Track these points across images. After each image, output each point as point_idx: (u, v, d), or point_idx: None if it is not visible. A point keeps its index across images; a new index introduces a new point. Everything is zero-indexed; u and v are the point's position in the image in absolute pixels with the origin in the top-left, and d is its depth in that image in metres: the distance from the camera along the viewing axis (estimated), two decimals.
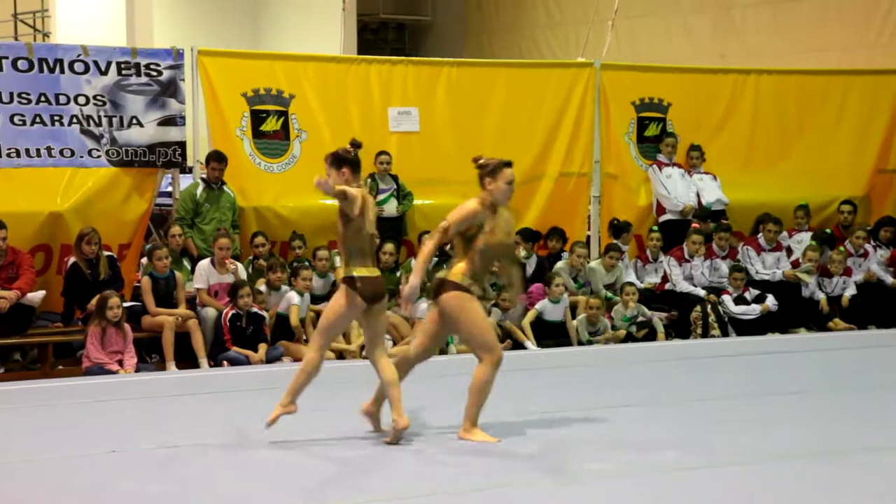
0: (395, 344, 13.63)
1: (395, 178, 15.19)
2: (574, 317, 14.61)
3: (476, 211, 9.11)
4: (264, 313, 13.42)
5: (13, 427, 9.97)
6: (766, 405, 10.78)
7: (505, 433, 9.16)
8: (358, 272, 8.91)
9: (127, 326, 12.81)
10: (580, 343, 14.46)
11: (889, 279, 16.26)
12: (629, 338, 14.72)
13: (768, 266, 16.01)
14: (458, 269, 9.02)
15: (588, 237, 16.48)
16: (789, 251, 16.32)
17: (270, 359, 13.24)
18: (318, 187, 8.66)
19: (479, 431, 9.00)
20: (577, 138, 16.41)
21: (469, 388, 9.03)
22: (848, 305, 15.96)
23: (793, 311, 15.73)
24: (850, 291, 16.01)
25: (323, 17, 25.22)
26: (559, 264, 15.20)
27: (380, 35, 27.95)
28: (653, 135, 16.82)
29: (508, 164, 9.32)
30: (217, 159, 14.21)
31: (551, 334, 14.38)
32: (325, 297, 13.74)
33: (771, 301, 15.49)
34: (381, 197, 15.04)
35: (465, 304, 8.96)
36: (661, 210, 16.46)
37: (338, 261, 14.26)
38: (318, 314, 13.53)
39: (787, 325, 15.59)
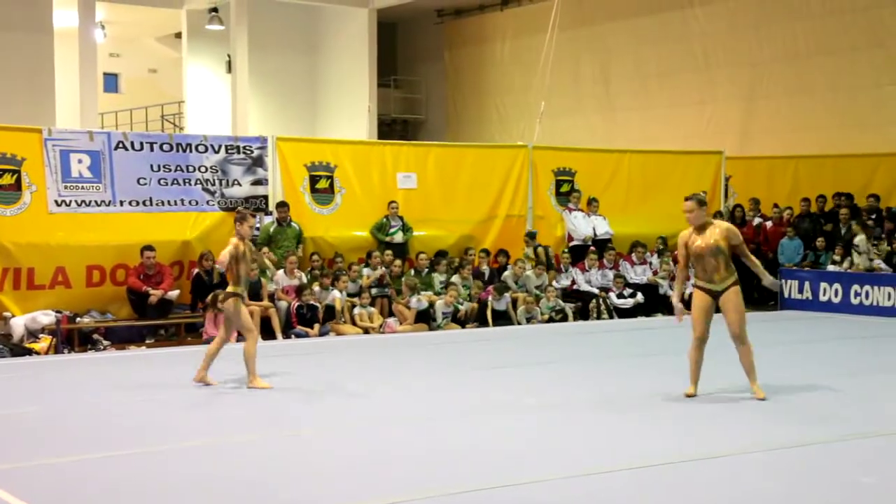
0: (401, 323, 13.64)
1: (401, 218, 15.14)
2: (515, 308, 14.60)
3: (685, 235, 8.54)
4: (318, 304, 13.38)
5: (162, 376, 9.98)
6: (636, 362, 10.81)
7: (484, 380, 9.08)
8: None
9: None
10: (520, 324, 14.45)
11: None
12: (551, 320, 14.71)
13: (638, 274, 15.98)
14: (733, 272, 8.41)
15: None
16: (651, 264, 16.33)
17: (322, 333, 13.23)
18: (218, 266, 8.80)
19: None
20: (518, 192, 16.34)
21: (744, 363, 8.47)
22: (687, 299, 15.87)
23: (653, 303, 15.70)
24: (689, 290, 15.91)
25: (356, 115, 25.31)
26: (506, 273, 15.17)
27: (392, 127, 27.93)
28: (566, 190, 16.76)
29: (687, 198, 8.60)
30: (282, 206, 14.20)
31: (501, 318, 14.37)
32: (358, 294, 13.74)
33: (640, 296, 15.48)
34: (392, 230, 15.02)
35: (740, 299, 8.39)
36: (570, 239, 16.43)
37: (365, 271, 14.30)
38: (353, 305, 13.60)
39: (650, 311, 15.56)
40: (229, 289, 9.08)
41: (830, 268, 16.11)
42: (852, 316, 15.09)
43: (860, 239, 15.82)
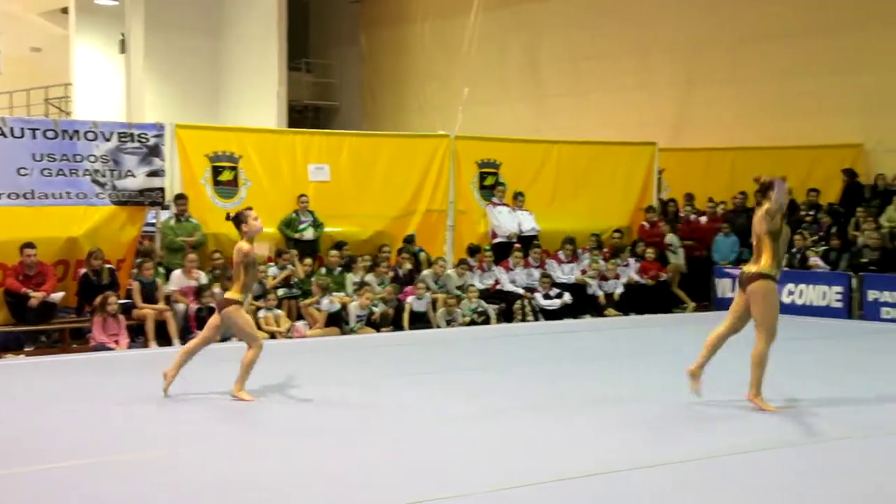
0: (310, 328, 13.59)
1: (312, 212, 15.06)
2: (435, 309, 14.63)
3: (771, 217, 8.26)
4: None
5: (43, 386, 9.76)
6: (566, 365, 10.93)
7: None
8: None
9: (122, 317, 12.57)
10: (439, 327, 14.46)
11: (643, 280, 16.46)
12: (473, 323, 14.76)
13: (566, 273, 16.14)
14: (765, 263, 8.29)
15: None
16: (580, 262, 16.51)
17: (223, 339, 13.01)
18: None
19: (762, 399, 8.38)
20: (439, 185, 16.36)
21: (751, 361, 8.38)
22: (618, 299, 16.17)
23: (581, 304, 15.87)
24: (619, 290, 16.22)
25: (264, 101, 25.06)
26: (425, 272, 15.17)
27: (303, 114, 27.75)
28: (490, 184, 16.84)
29: (784, 179, 8.29)
30: (180, 199, 14.01)
31: (418, 321, 14.38)
32: (262, 297, 13.62)
33: (567, 297, 15.63)
34: (302, 226, 14.94)
35: (769, 291, 8.28)
36: (494, 235, 16.53)
37: (272, 271, 14.19)
38: (257, 308, 13.47)
39: (578, 313, 15.71)
40: (229, 294, 8.93)
41: None
42: (785, 316, 15.41)
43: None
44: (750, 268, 8.42)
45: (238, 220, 8.94)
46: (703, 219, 17.95)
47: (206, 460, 6.95)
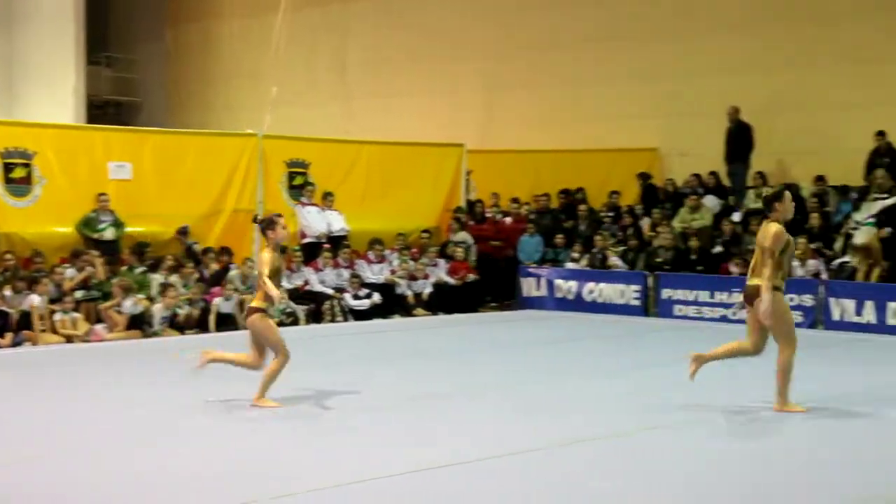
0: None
1: (112, 212, 14.53)
2: (243, 310, 14.35)
3: (782, 233, 8.26)
4: (10, 311, 12.55)
5: None
6: (377, 365, 10.96)
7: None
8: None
9: None
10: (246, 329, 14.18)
11: (451, 281, 16.67)
12: (281, 324, 14.52)
13: (375, 273, 16.18)
14: (768, 276, 8.18)
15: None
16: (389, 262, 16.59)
17: (15, 343, 12.44)
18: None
19: (791, 404, 8.37)
20: (246, 185, 16.08)
21: (777, 370, 8.37)
22: (427, 299, 16.33)
23: (390, 304, 15.94)
24: (428, 290, 16.39)
25: (60, 95, 24.00)
26: (232, 272, 14.89)
27: (104, 110, 26.69)
28: (299, 184, 16.69)
29: (788, 187, 8.11)
30: None
31: (226, 322, 14.09)
32: (59, 300, 13.05)
33: (377, 297, 15.67)
34: (101, 225, 14.41)
35: (776, 302, 8.17)
36: (303, 235, 16.40)
37: (69, 272, 13.62)
38: (52, 311, 12.89)
39: (387, 313, 15.76)
40: (254, 303, 8.53)
41: (569, 265, 17.02)
42: (588, 314, 16.00)
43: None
44: (752, 281, 8.38)
45: (266, 224, 8.64)
46: (508, 219, 18.35)
47: None
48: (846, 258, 15.05)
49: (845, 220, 15.69)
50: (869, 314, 13.82)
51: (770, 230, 8.28)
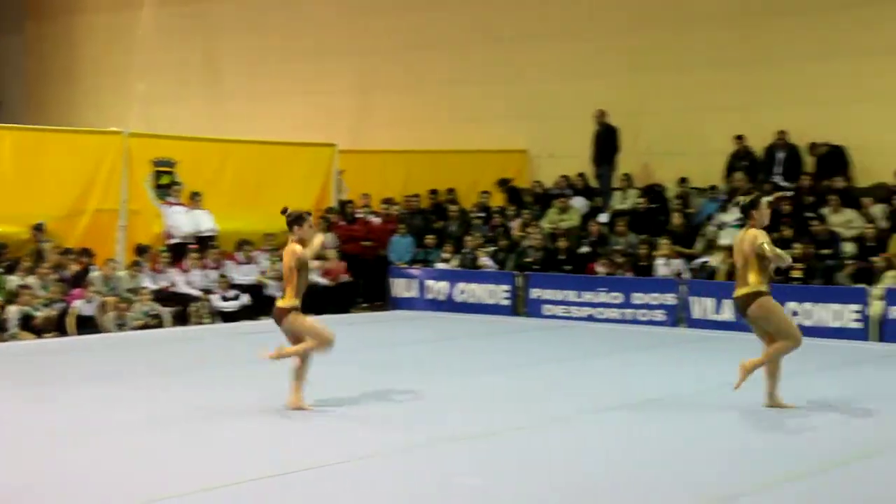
0: None
1: None
2: (105, 312, 13.96)
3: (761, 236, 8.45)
4: None
5: None
6: (247, 367, 10.79)
7: None
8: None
9: None
10: (109, 331, 13.81)
11: (325, 282, 16.47)
12: (146, 326, 14.22)
13: (244, 274, 15.95)
14: (754, 281, 8.41)
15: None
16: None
17: None
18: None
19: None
20: (111, 184, 15.66)
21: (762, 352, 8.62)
22: None
23: (260, 305, 15.67)
24: None
25: None
26: (94, 274, 14.45)
27: None
28: (166, 183, 16.34)
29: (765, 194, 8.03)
30: None
31: (86, 325, 13.67)
32: None
33: (245, 298, 15.45)
34: None
35: (767, 305, 8.44)
36: (170, 236, 16.05)
37: None
38: None
39: (256, 314, 15.50)
40: (284, 302, 8.35)
41: (439, 265, 17.10)
42: (459, 314, 16.10)
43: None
44: (740, 290, 8.57)
45: (295, 220, 8.44)
46: (378, 220, 18.33)
47: None
48: (707, 258, 15.52)
49: (707, 220, 16.18)
50: (728, 312, 14.26)
51: (749, 236, 8.53)
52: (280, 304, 8.46)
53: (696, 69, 17.90)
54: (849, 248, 14.75)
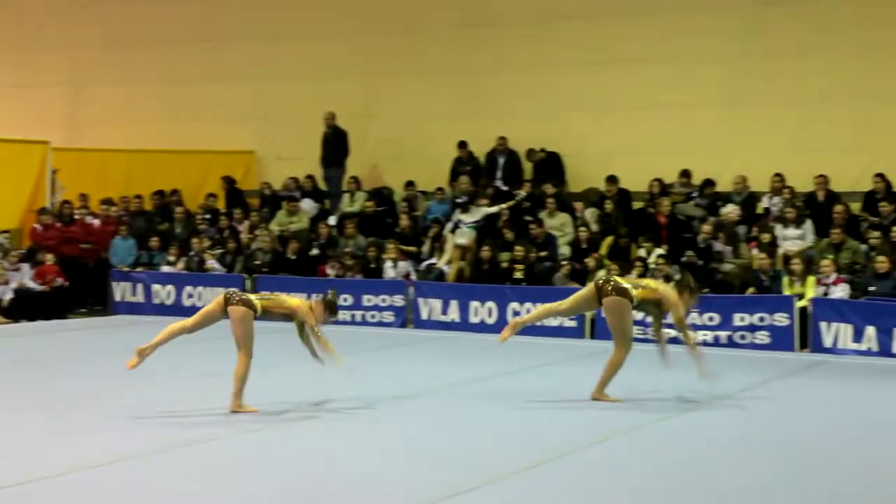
0: None
1: None
2: None
3: None
4: None
5: None
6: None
7: None
8: None
9: None
10: None
11: (37, 286, 15.62)
12: None
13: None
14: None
15: None
16: None
17: None
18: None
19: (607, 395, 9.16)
20: None
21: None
22: (7, 305, 15.19)
23: None
24: (9, 296, 15.26)
25: None
26: None
27: None
28: None
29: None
30: None
31: None
32: None
33: None
34: None
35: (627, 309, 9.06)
36: None
37: None
38: None
39: None
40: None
41: (165, 269, 16.57)
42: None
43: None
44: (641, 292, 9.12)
45: None
46: (97, 221, 17.51)
47: None
48: (433, 259, 15.91)
49: (434, 222, 16.57)
50: (454, 313, 14.66)
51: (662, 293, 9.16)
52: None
53: (424, 75, 18.34)
54: (564, 249, 15.56)
